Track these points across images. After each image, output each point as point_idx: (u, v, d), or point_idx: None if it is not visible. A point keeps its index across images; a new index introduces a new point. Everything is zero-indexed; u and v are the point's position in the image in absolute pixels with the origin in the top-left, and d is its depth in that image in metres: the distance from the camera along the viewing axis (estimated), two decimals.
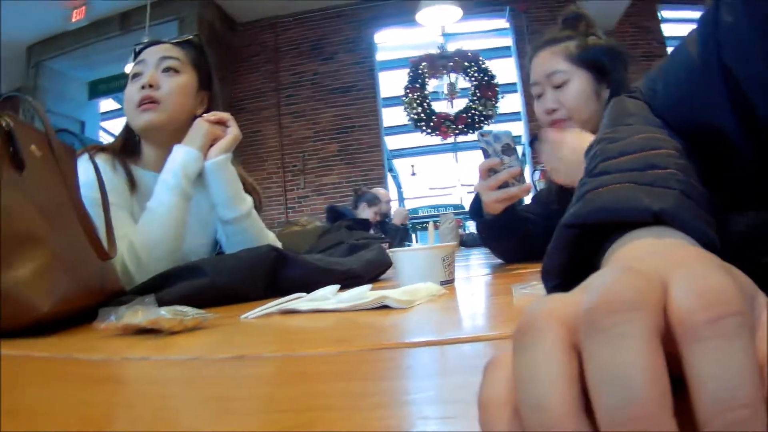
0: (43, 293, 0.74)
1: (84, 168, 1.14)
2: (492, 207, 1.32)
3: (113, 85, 7.90)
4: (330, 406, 0.33)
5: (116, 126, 9.49)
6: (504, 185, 1.25)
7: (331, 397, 0.35)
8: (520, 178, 1.25)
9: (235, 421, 0.31)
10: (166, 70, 1.42)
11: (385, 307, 0.73)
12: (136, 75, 1.43)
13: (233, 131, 1.44)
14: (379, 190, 5.38)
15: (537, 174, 2.09)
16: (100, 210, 1.15)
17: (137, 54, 1.49)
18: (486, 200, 1.31)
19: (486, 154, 1.27)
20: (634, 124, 0.57)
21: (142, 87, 1.38)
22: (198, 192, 1.45)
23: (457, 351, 0.46)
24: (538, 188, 1.75)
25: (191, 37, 1.54)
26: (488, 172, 1.26)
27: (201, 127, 1.39)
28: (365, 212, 4.71)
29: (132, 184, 1.41)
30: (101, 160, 1.36)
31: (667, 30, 7.23)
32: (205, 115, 1.42)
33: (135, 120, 1.41)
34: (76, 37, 7.34)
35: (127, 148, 1.47)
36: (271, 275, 1.12)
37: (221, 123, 1.44)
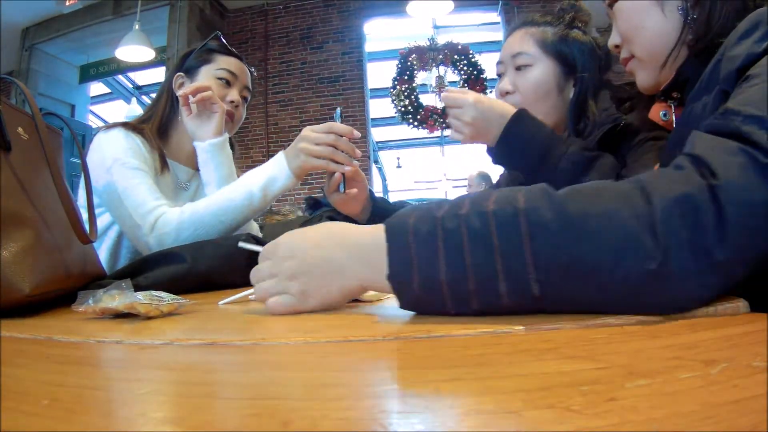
0: (25, 275, 0.74)
1: (120, 137, 1.35)
2: (346, 209, 1.37)
3: (103, 69, 7.86)
4: (291, 396, 0.34)
5: (106, 110, 9.45)
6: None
7: (294, 387, 0.36)
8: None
9: (197, 406, 0.32)
10: (243, 98, 1.61)
11: (356, 300, 0.74)
12: (225, 80, 1.54)
13: (222, 106, 1.46)
14: None
15: None
16: (143, 176, 1.33)
17: (217, 48, 1.57)
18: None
19: None
20: None
21: (231, 101, 1.54)
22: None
23: (424, 346, 0.46)
24: None
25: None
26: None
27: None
28: None
29: (164, 164, 1.47)
30: (133, 135, 1.42)
31: None
32: (185, 89, 1.44)
33: None
34: (70, 21, 7.28)
35: (159, 132, 1.52)
36: (249, 263, 1.13)
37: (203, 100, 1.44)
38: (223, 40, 1.59)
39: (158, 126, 1.51)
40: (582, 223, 0.50)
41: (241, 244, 0.93)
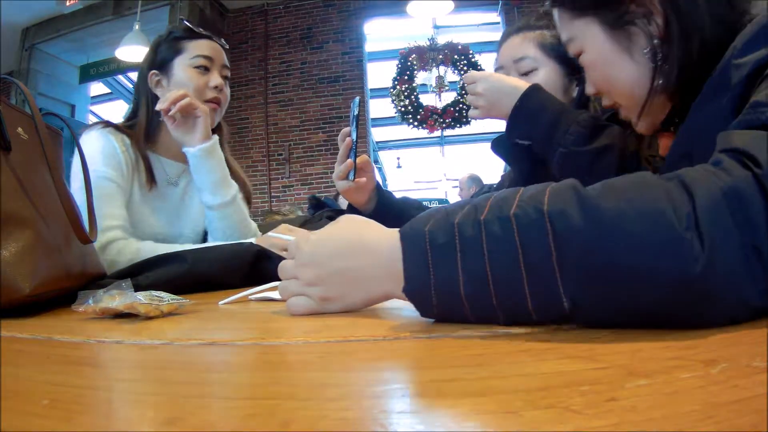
0: (25, 275, 0.74)
1: (97, 140, 1.33)
2: (352, 198, 1.38)
3: (103, 69, 7.86)
4: (292, 395, 0.34)
5: (106, 110, 9.44)
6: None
7: (295, 387, 0.36)
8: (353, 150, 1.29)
9: (197, 406, 0.32)
10: (224, 77, 1.56)
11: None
12: (202, 66, 1.50)
13: (203, 108, 1.43)
14: None
15: None
16: (108, 187, 1.31)
17: (184, 34, 1.53)
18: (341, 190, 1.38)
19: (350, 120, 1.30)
20: None
21: (215, 86, 1.51)
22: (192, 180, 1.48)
23: (424, 346, 0.46)
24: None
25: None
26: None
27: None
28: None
29: (151, 178, 1.46)
30: (114, 136, 1.40)
31: None
32: (163, 104, 1.38)
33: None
34: (70, 21, 7.28)
35: (147, 137, 1.49)
36: (251, 267, 1.13)
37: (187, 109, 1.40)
38: (188, 24, 1.55)
39: (145, 131, 1.48)
40: (617, 227, 0.44)
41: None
